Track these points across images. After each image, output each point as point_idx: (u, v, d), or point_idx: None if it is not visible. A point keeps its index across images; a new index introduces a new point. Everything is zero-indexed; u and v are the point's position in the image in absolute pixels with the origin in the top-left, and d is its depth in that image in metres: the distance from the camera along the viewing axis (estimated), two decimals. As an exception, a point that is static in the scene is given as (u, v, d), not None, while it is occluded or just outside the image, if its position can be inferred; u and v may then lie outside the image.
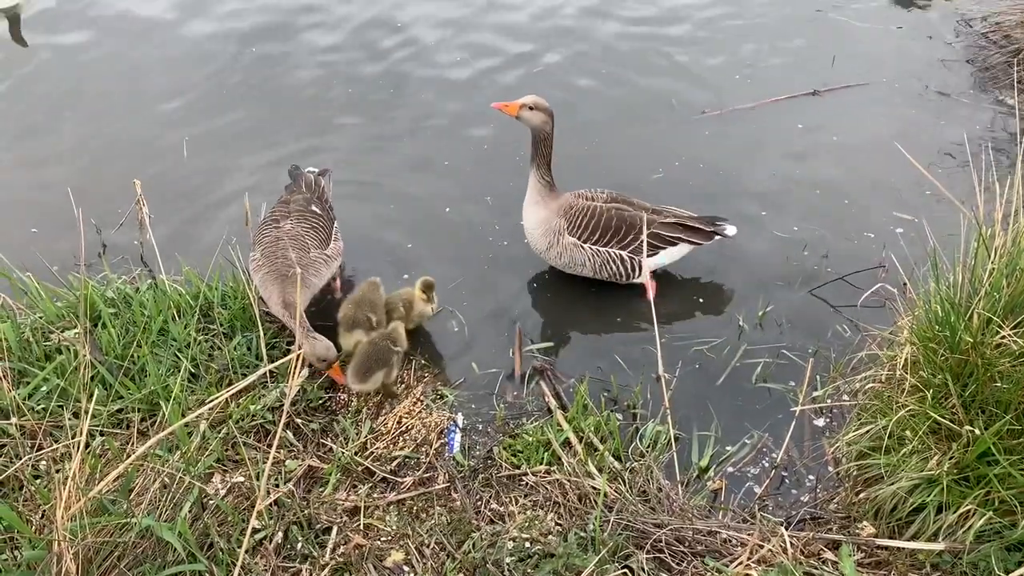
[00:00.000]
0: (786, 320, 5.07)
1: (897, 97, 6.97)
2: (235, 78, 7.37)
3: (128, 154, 6.50)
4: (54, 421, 4.13)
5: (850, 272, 5.27)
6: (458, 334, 5.05)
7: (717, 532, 3.75)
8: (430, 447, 4.31)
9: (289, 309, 4.51)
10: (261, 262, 4.75)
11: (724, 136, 6.59)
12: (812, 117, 6.78)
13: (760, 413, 4.56)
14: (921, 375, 3.82)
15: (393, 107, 7.01)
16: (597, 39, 7.82)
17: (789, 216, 5.84)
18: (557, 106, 4.95)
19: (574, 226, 4.91)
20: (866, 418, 4.06)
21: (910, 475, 3.65)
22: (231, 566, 3.47)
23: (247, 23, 8.14)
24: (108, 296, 4.82)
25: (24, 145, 6.67)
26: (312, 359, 4.44)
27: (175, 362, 4.47)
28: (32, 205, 5.98)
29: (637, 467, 4.13)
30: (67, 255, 5.35)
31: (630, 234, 4.84)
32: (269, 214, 5.11)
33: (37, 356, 4.45)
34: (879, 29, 7.85)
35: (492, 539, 3.77)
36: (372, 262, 5.57)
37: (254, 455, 4.12)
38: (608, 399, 4.62)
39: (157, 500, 3.64)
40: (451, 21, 8.12)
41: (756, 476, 4.26)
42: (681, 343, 4.91)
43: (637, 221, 4.88)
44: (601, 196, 5.05)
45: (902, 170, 5.83)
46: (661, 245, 4.94)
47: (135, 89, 7.27)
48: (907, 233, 5.54)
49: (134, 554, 3.37)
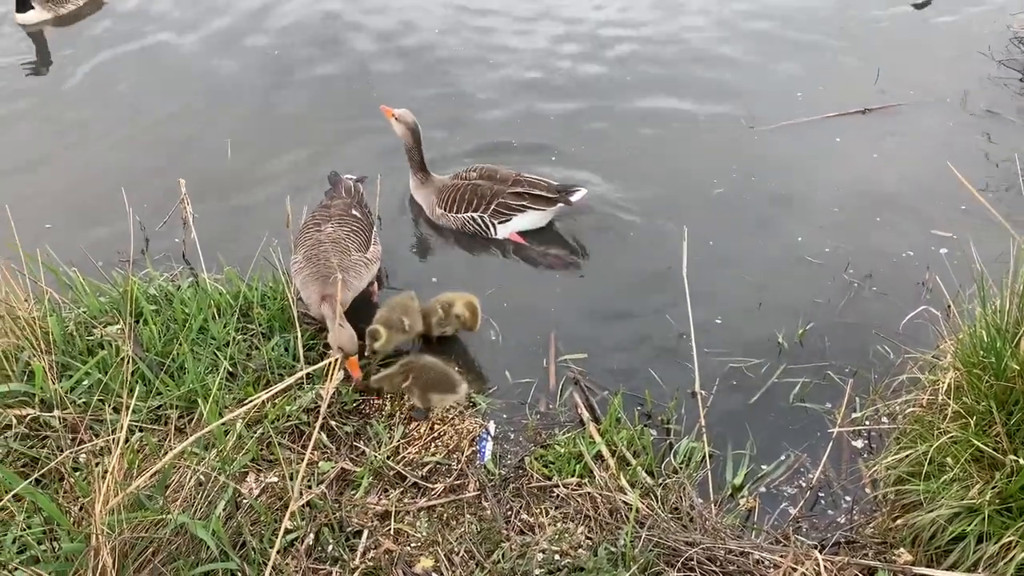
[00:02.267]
0: (826, 339, 4.99)
1: (946, 115, 6.85)
2: (280, 80, 7.48)
3: (172, 153, 6.63)
4: (95, 415, 4.21)
5: (893, 291, 5.19)
6: (493, 342, 5.05)
7: (750, 553, 3.70)
8: (461, 454, 4.31)
9: (328, 301, 4.54)
10: (302, 264, 4.81)
11: (772, 152, 6.53)
12: (860, 134, 6.69)
13: (796, 433, 4.49)
14: (964, 401, 3.73)
15: (435, 109, 7.06)
16: (644, 52, 7.83)
17: (832, 233, 5.76)
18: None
19: (440, 201, 5.87)
20: (906, 442, 3.98)
21: (950, 503, 3.57)
22: (262, 566, 3.51)
23: (295, 25, 8.28)
24: (150, 293, 4.90)
25: (70, 142, 6.84)
26: (333, 346, 4.47)
27: (214, 361, 4.53)
28: (78, 201, 6.12)
29: (670, 483, 4.09)
30: (111, 251, 5.45)
31: (481, 203, 5.74)
32: (310, 218, 5.17)
33: (80, 350, 4.53)
34: (930, 45, 7.73)
35: (522, 550, 3.76)
36: (411, 268, 5.63)
37: (288, 456, 4.16)
38: (642, 413, 4.59)
39: (192, 497, 3.69)
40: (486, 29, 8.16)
41: (791, 497, 4.20)
42: (718, 359, 4.85)
43: (488, 192, 5.75)
44: (472, 174, 5.89)
45: (949, 191, 5.77)
46: (509, 213, 5.73)
47: (179, 89, 7.42)
48: (952, 254, 5.43)
49: (168, 550, 3.41)
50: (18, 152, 6.74)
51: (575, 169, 6.40)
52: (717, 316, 5.14)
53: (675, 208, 5.96)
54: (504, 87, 7.42)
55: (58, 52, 8.09)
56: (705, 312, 5.09)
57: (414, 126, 5.80)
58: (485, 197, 5.74)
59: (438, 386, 4.41)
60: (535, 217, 5.79)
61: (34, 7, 8.28)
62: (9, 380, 4.27)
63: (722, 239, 5.68)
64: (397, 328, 4.69)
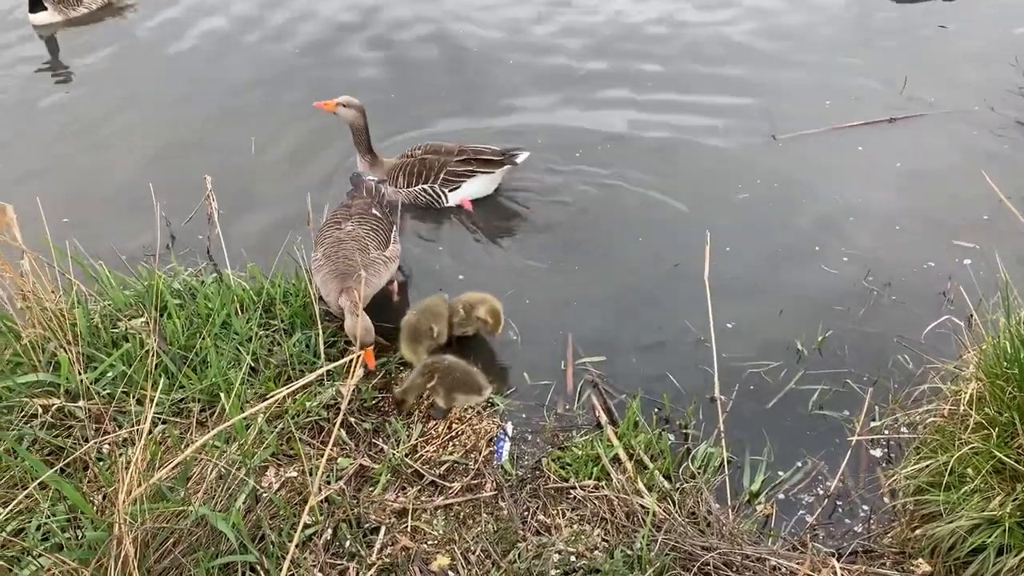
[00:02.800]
0: (846, 347, 4.97)
1: (970, 124, 6.80)
2: (302, 80, 7.56)
3: (196, 151, 6.71)
4: (119, 407, 4.26)
5: (914, 301, 5.16)
6: (511, 343, 5.07)
7: (766, 559, 3.69)
8: (479, 454, 4.33)
9: (349, 296, 4.59)
10: (322, 262, 4.85)
11: (794, 161, 6.51)
12: (884, 143, 6.65)
13: (815, 440, 4.48)
14: (986, 412, 3.71)
15: (463, 113, 7.10)
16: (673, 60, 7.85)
17: (852, 241, 5.73)
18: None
19: (391, 179, 6.11)
20: (926, 452, 3.96)
21: (970, 514, 3.54)
22: (280, 559, 3.54)
23: (314, 23, 8.37)
24: (175, 287, 4.96)
25: (93, 141, 6.95)
26: (351, 335, 4.51)
27: (236, 355, 4.57)
28: (105, 197, 6.21)
29: (687, 488, 4.09)
30: (136, 245, 5.53)
31: (430, 175, 6.03)
32: (331, 217, 5.22)
33: (105, 342, 4.59)
34: (955, 53, 7.68)
35: (538, 551, 3.77)
36: (431, 274, 5.66)
37: (307, 451, 4.19)
38: (660, 417, 4.59)
39: (213, 490, 3.72)
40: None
41: (808, 504, 4.18)
42: (737, 365, 4.84)
43: (435, 164, 6.03)
44: (418, 152, 6.17)
45: (972, 200, 5.75)
46: (458, 179, 6.01)
47: (200, 88, 7.53)
48: (975, 264, 5.39)
49: (188, 541, 3.45)
50: (43, 149, 6.85)
51: (599, 167, 6.46)
52: (736, 321, 5.12)
53: (696, 214, 5.95)
54: (525, 82, 7.47)
55: (72, 52, 8.23)
56: (724, 317, 5.08)
57: (362, 108, 5.98)
58: (433, 168, 6.03)
59: (463, 387, 4.43)
60: (484, 181, 6.11)
61: (47, 8, 8.40)
62: (36, 370, 4.33)
63: (743, 245, 5.67)
64: (426, 336, 4.70)
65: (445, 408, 4.46)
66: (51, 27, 8.47)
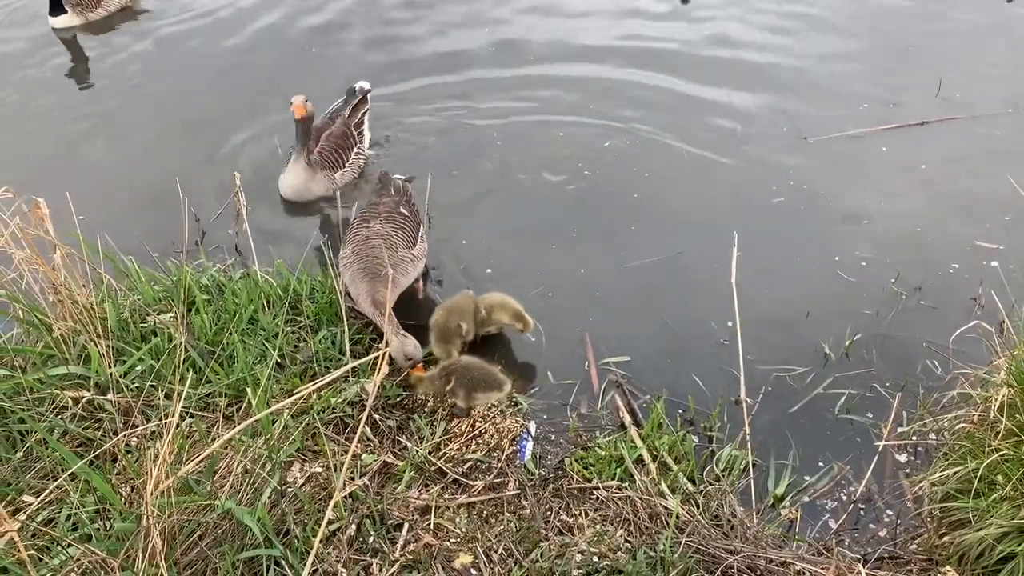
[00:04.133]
0: (873, 351, 4.92)
1: (997, 126, 6.71)
2: (327, 74, 7.62)
3: (224, 148, 6.78)
4: (147, 400, 4.31)
5: (943, 305, 5.11)
6: (535, 342, 5.06)
7: (791, 563, 3.66)
8: (502, 452, 4.33)
9: (379, 308, 4.62)
10: (351, 259, 4.88)
11: (824, 163, 6.46)
12: (914, 145, 6.57)
13: (841, 445, 4.44)
14: (1018, 419, 3.66)
15: (475, 118, 7.10)
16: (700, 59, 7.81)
17: (881, 245, 5.67)
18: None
19: (324, 164, 6.18)
20: (955, 459, 3.91)
21: (1000, 522, 3.50)
22: (305, 554, 3.56)
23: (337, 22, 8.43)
24: (203, 283, 5.01)
25: (125, 137, 7.02)
26: (398, 357, 4.54)
27: (262, 351, 4.61)
28: (133, 194, 6.28)
29: (711, 491, 4.07)
30: (166, 242, 5.59)
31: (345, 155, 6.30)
32: (360, 215, 5.25)
33: (134, 336, 4.64)
34: (985, 56, 7.58)
35: (560, 550, 3.77)
36: (455, 274, 5.67)
37: (332, 447, 4.22)
38: (684, 419, 4.57)
39: (239, 484, 3.75)
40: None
41: (833, 509, 4.15)
42: (763, 368, 4.81)
43: (348, 144, 6.31)
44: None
45: (1001, 203, 5.67)
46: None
47: (223, 86, 7.62)
48: (1006, 268, 5.31)
49: (215, 534, 3.48)
50: (69, 149, 6.91)
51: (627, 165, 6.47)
52: (763, 324, 5.08)
53: (725, 215, 5.91)
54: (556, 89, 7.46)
55: (93, 53, 8.31)
56: (750, 320, 5.03)
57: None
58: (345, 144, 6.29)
59: (483, 384, 4.42)
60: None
61: (66, 10, 8.48)
62: (67, 363, 4.40)
63: (770, 248, 5.62)
64: (455, 334, 4.70)
65: (466, 408, 4.47)
66: (70, 29, 8.58)
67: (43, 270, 4.32)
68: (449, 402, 4.52)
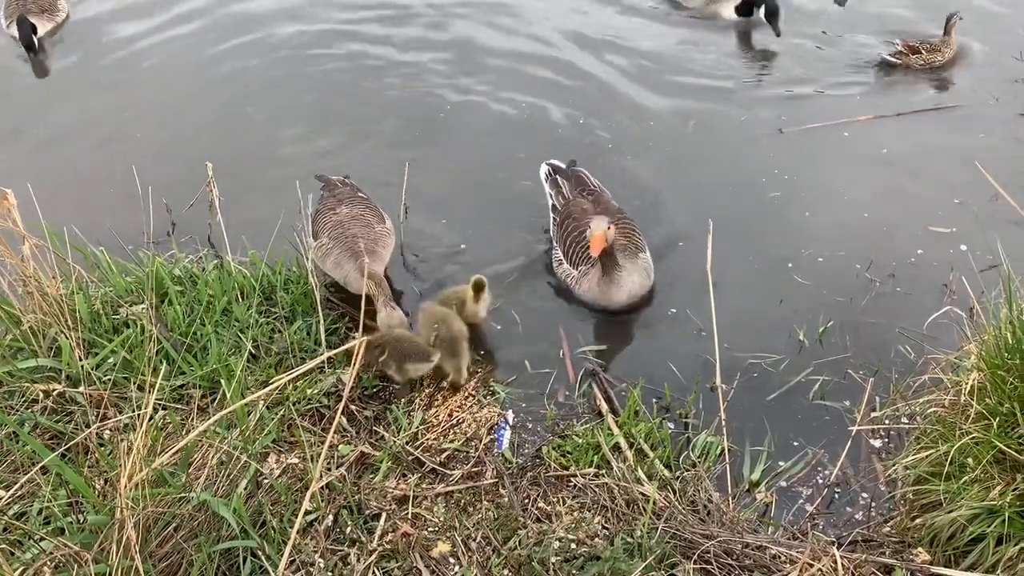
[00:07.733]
0: (847, 338, 4.96)
1: (978, 118, 6.78)
2: (308, 70, 7.56)
3: (198, 137, 6.71)
4: (119, 392, 4.26)
5: (916, 291, 5.17)
6: (513, 331, 5.07)
7: (766, 547, 3.70)
8: (479, 442, 4.33)
9: (373, 278, 4.69)
10: (330, 246, 4.89)
11: (799, 153, 6.52)
12: (888, 136, 6.64)
13: (815, 430, 4.48)
14: (987, 402, 3.71)
15: (448, 108, 7.08)
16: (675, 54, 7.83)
17: (856, 232, 5.72)
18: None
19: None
20: (926, 442, 3.96)
21: (970, 504, 3.55)
22: (282, 545, 3.54)
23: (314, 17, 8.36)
24: (175, 274, 4.96)
25: (99, 129, 6.93)
26: (384, 328, 4.60)
27: (236, 342, 4.57)
28: (108, 183, 6.19)
29: (687, 477, 4.09)
30: (137, 233, 5.50)
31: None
32: (322, 206, 5.26)
33: (106, 328, 4.59)
34: (964, 49, 7.67)
35: (538, 537, 3.78)
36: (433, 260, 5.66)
37: (308, 438, 4.19)
38: (660, 406, 4.59)
39: (214, 476, 3.72)
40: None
41: (808, 494, 4.19)
42: (738, 355, 4.84)
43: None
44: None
45: (977, 192, 5.74)
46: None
47: (201, 76, 7.54)
48: (977, 255, 5.38)
49: (190, 526, 3.46)
50: (41, 144, 6.82)
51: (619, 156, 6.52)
52: (737, 312, 5.11)
53: (700, 203, 5.93)
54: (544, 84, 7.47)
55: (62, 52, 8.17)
56: (725, 307, 5.07)
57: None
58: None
59: (413, 356, 4.47)
60: None
61: (38, 32, 8.19)
62: (37, 356, 4.33)
63: (746, 235, 5.65)
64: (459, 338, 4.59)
65: (403, 382, 4.52)
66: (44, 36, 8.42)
67: (12, 262, 4.25)
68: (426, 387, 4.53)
